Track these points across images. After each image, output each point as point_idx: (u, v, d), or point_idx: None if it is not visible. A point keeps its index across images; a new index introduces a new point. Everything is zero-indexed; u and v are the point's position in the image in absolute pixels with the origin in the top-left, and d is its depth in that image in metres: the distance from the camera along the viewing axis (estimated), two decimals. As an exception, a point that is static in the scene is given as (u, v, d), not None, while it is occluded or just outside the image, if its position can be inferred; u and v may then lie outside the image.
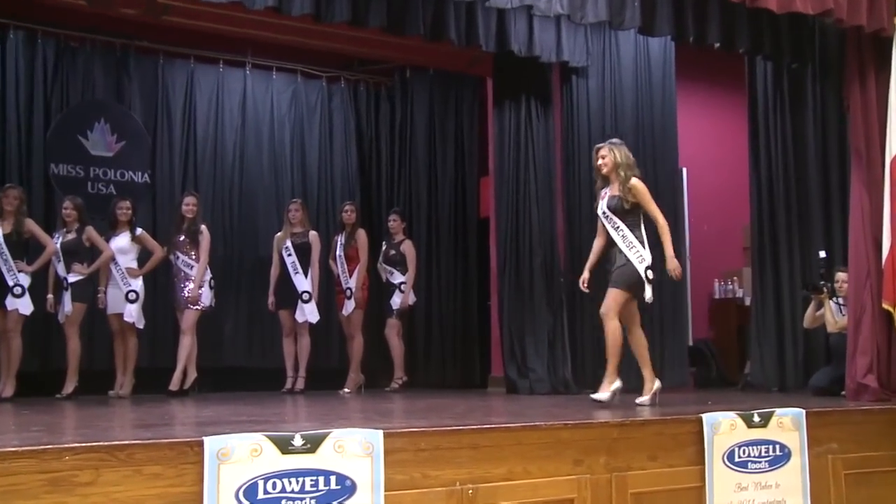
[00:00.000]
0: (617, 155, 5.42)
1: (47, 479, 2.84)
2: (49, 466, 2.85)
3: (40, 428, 4.10)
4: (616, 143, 5.54)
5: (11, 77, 7.79)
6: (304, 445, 3.24)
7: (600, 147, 5.56)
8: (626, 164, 5.39)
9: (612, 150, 5.45)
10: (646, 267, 5.25)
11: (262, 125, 8.91)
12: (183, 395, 7.10)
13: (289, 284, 7.59)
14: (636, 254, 5.27)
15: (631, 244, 5.28)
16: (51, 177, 7.94)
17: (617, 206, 5.35)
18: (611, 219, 5.38)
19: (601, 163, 5.47)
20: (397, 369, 8.00)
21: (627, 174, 5.36)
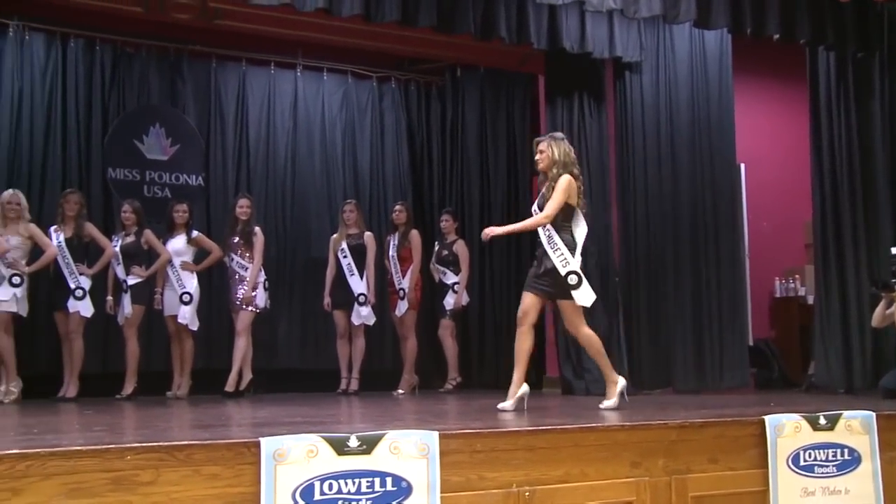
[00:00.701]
0: (555, 151, 5.05)
1: (110, 478, 2.87)
2: (112, 466, 2.88)
3: (103, 428, 4.16)
4: (557, 138, 5.16)
5: (72, 84, 7.96)
6: (360, 447, 3.23)
7: (540, 140, 5.20)
8: (562, 161, 5.03)
9: (550, 145, 5.09)
10: (567, 272, 4.91)
11: (314, 126, 8.95)
12: (238, 396, 7.16)
13: (344, 286, 7.61)
14: (560, 257, 4.93)
15: (555, 246, 4.95)
16: (108, 181, 8.08)
17: (541, 205, 5.04)
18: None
19: (538, 157, 5.13)
20: (451, 370, 7.97)
21: (559, 172, 5.00)
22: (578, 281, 4.93)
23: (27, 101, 7.77)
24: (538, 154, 5.13)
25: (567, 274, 4.90)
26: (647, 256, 7.56)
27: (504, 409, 4.90)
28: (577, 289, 4.94)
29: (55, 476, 2.80)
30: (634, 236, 7.53)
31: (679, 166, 7.66)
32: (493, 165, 9.12)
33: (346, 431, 3.28)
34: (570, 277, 4.91)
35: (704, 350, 7.46)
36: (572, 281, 4.92)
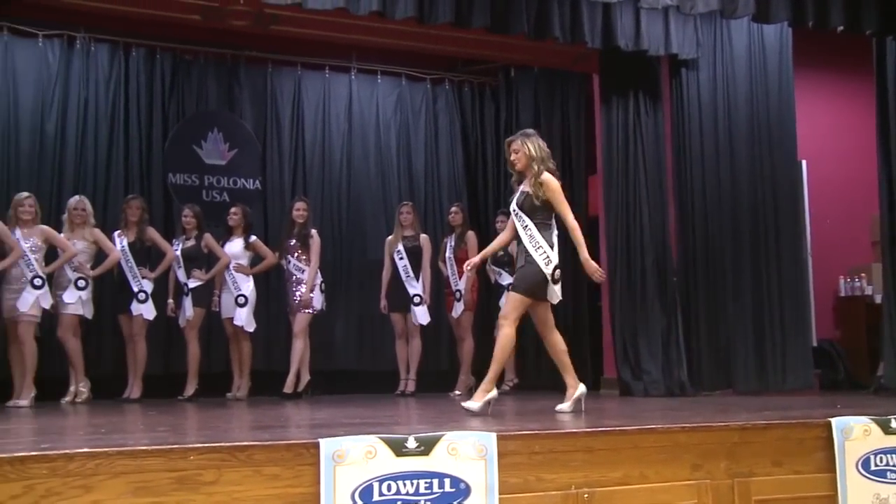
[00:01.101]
0: (530, 147, 4.94)
1: (174, 478, 2.93)
2: (176, 465, 2.93)
3: (166, 428, 4.24)
4: (529, 135, 5.05)
5: (133, 92, 8.15)
6: (418, 448, 3.23)
7: (512, 140, 5.06)
8: (540, 157, 4.93)
9: (524, 142, 4.96)
10: (553, 268, 4.81)
11: (369, 129, 9.00)
12: (297, 397, 7.23)
13: (401, 287, 7.64)
14: (542, 255, 4.82)
15: (538, 245, 4.83)
16: (169, 186, 8.24)
17: (526, 204, 4.92)
18: (520, 217, 4.94)
19: (513, 158, 5.00)
20: (508, 371, 7.94)
21: (540, 168, 4.90)
22: (559, 276, 4.85)
23: (92, 110, 7.99)
24: (512, 154, 5.00)
25: (553, 270, 4.81)
26: (706, 255, 7.44)
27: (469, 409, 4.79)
28: (556, 283, 4.85)
29: (123, 475, 2.87)
30: (692, 235, 7.41)
31: (738, 163, 7.52)
32: (547, 166, 9.06)
33: (404, 432, 3.29)
34: (556, 273, 4.83)
35: (766, 351, 7.31)
36: (558, 275, 4.84)
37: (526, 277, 4.86)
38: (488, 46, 7.75)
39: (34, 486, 2.78)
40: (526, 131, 5.14)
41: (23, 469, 2.78)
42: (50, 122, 7.85)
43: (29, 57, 7.87)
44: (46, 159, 7.79)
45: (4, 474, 2.76)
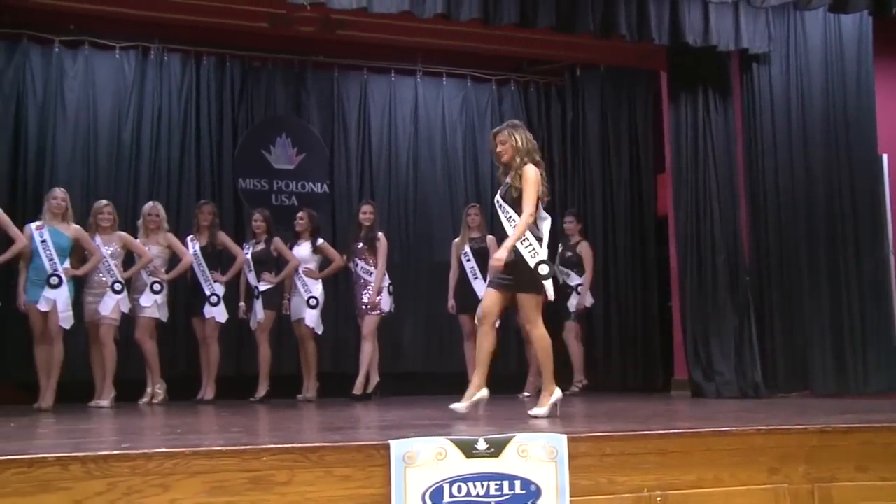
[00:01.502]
0: (518, 139, 4.79)
1: (249, 478, 2.97)
2: (249, 466, 2.98)
3: (239, 429, 4.32)
4: (517, 126, 4.91)
5: (204, 99, 8.34)
6: (488, 449, 3.22)
7: (499, 131, 4.90)
8: (526, 149, 4.78)
9: (512, 133, 4.82)
10: (538, 262, 4.65)
11: (434, 132, 9.04)
12: (366, 399, 7.28)
13: (469, 289, 7.64)
14: (529, 248, 4.68)
15: (523, 238, 4.69)
16: (239, 191, 8.40)
17: (508, 195, 4.78)
18: (504, 209, 4.80)
19: (500, 149, 4.84)
20: (576, 373, 7.88)
21: (524, 160, 4.75)
22: (549, 272, 4.71)
23: (165, 118, 8.20)
24: (499, 146, 4.85)
25: (537, 264, 4.66)
26: (780, 254, 7.25)
27: (457, 410, 4.77)
28: (546, 279, 4.70)
29: (199, 474, 2.92)
30: (766, 233, 7.24)
31: (813, 158, 7.32)
32: (615, 165, 8.97)
33: (474, 434, 3.28)
34: (541, 268, 4.67)
35: (845, 352, 7.09)
36: (543, 271, 4.68)
37: (524, 275, 4.68)
38: (554, 46, 7.71)
39: (116, 483, 2.86)
40: (513, 122, 5.02)
41: (106, 467, 2.86)
42: (126, 131, 8.09)
43: (107, 69, 8.13)
44: (123, 167, 8.04)
45: (89, 472, 2.84)
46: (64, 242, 6.53)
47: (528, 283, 4.70)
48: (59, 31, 7.94)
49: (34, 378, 6.58)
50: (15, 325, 6.98)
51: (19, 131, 7.79)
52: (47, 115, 7.89)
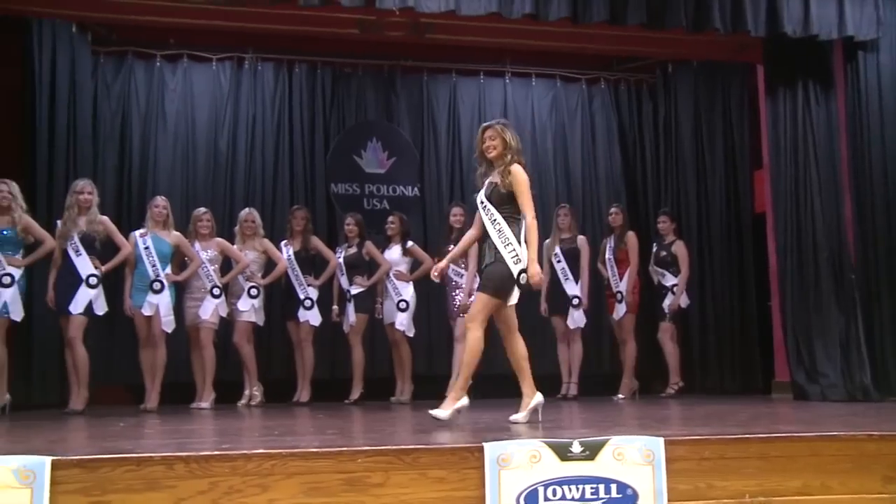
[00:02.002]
0: (508, 136, 4.67)
1: (344, 479, 3.01)
2: (345, 467, 3.02)
3: (335, 431, 4.38)
4: (507, 124, 4.79)
5: (297, 106, 8.51)
6: (583, 452, 3.19)
7: (489, 126, 4.76)
8: (515, 148, 4.67)
9: (504, 129, 4.70)
10: (521, 270, 4.52)
11: (524, 132, 8.96)
12: (459, 400, 7.27)
13: (560, 290, 7.58)
14: (511, 252, 4.54)
15: (507, 240, 4.55)
16: (331, 196, 8.54)
17: (494, 195, 4.63)
18: (488, 210, 4.64)
19: (488, 145, 4.70)
20: (673, 374, 7.72)
21: (513, 158, 4.63)
22: (527, 281, 4.57)
23: (259, 126, 8.41)
24: (488, 141, 4.70)
25: (520, 273, 4.54)
26: (889, 251, 6.92)
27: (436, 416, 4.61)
28: (521, 287, 4.59)
29: (296, 475, 2.98)
30: (873, 229, 6.93)
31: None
32: (709, 162, 8.75)
33: (569, 437, 3.25)
34: (522, 276, 4.55)
35: (961, 351, 6.73)
36: (523, 280, 4.56)
37: (494, 277, 4.56)
38: (645, 43, 7.56)
39: (218, 483, 2.93)
40: (501, 120, 4.93)
41: (207, 467, 2.94)
42: (222, 140, 8.33)
43: (204, 80, 8.39)
44: (220, 175, 8.27)
45: (192, 471, 2.93)
46: (165, 249, 6.77)
47: (487, 283, 4.60)
48: (161, 45, 8.24)
49: (140, 380, 6.84)
50: (121, 329, 7.27)
51: (124, 143, 8.12)
52: (149, 127, 8.19)
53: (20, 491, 2.83)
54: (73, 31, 7.71)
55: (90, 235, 6.47)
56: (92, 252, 6.48)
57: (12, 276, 6.20)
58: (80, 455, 2.99)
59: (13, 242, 6.28)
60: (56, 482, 2.86)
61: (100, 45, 8.07)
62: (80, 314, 6.36)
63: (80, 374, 6.40)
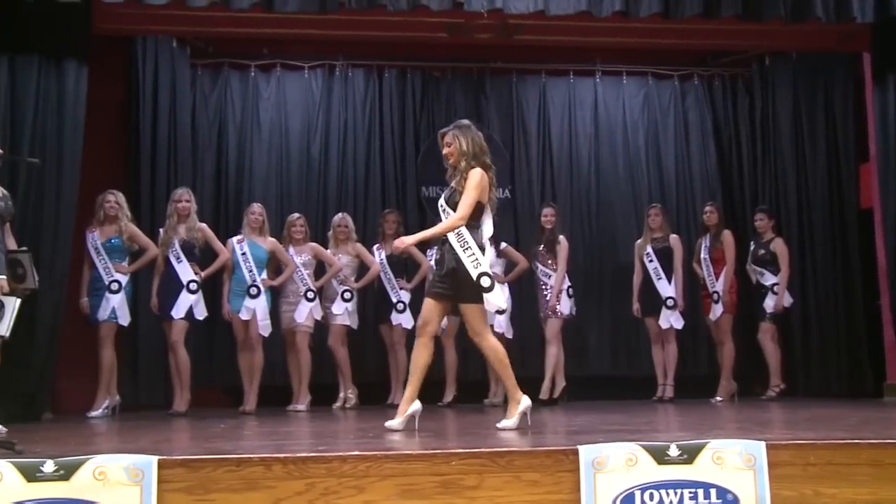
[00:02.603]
0: (462, 142, 4.59)
1: (439, 482, 3.02)
2: (439, 470, 3.03)
3: (429, 434, 4.39)
4: (463, 127, 4.69)
5: (387, 111, 8.60)
6: (681, 455, 3.12)
7: (445, 132, 4.73)
8: (472, 152, 4.58)
9: (456, 136, 4.62)
10: (480, 274, 4.45)
11: (616, 131, 8.88)
12: (552, 403, 7.24)
13: (653, 290, 7.46)
14: (471, 257, 4.47)
15: (466, 245, 4.47)
16: (422, 199, 8.59)
17: (452, 200, 4.58)
18: (448, 214, 4.60)
19: (446, 152, 4.67)
20: (773, 376, 7.48)
21: (469, 164, 4.56)
22: (491, 283, 4.50)
23: (351, 131, 8.53)
24: (445, 148, 4.68)
25: (479, 276, 4.46)
26: None
27: (392, 427, 4.44)
28: (489, 291, 4.50)
29: (391, 477, 3.00)
30: None
31: None
32: (810, 157, 8.42)
33: (665, 440, 3.19)
34: (483, 279, 4.47)
35: None
36: (485, 283, 4.48)
37: (466, 284, 4.49)
38: (740, 36, 7.37)
39: (315, 484, 2.98)
40: (459, 123, 4.80)
41: (304, 468, 3.00)
42: (315, 146, 8.48)
43: (297, 88, 8.56)
44: (313, 180, 8.42)
45: (289, 472, 2.99)
46: (261, 254, 6.94)
47: (470, 294, 4.52)
48: (255, 56, 8.45)
49: (238, 383, 7.04)
50: (220, 333, 7.49)
51: (221, 152, 8.35)
52: (245, 135, 8.40)
53: (130, 488, 2.94)
54: (173, 45, 8.00)
55: (190, 242, 6.70)
56: (192, 258, 6.72)
57: (119, 283, 6.51)
58: (184, 455, 3.09)
59: (120, 250, 6.58)
60: (162, 481, 2.96)
61: (197, 58, 8.33)
62: (181, 319, 6.60)
63: (183, 377, 6.64)
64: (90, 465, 2.97)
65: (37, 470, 2.95)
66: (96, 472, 2.96)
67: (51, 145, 6.41)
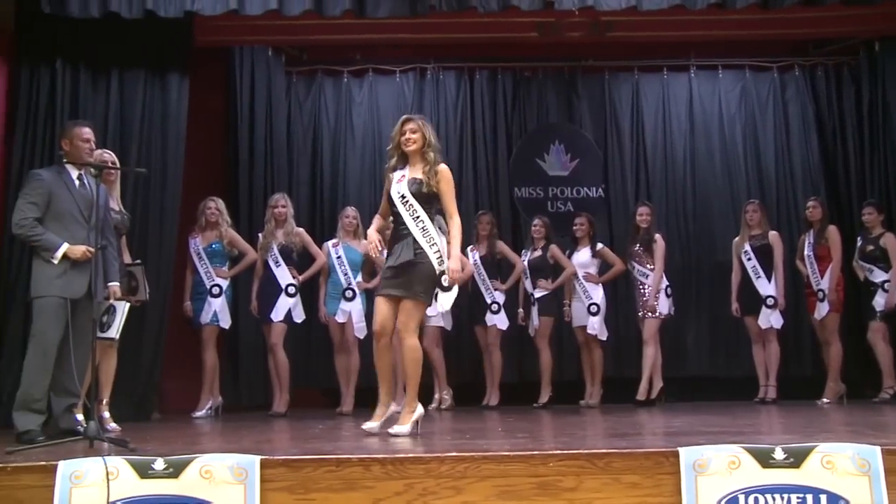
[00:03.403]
0: (428, 134, 4.60)
1: (536, 483, 3.01)
2: (536, 471, 3.01)
3: (524, 435, 4.38)
4: (425, 120, 4.71)
5: (479, 113, 8.62)
6: (787, 459, 3.02)
7: (411, 118, 4.67)
8: (435, 145, 4.61)
9: (425, 125, 4.64)
10: (441, 272, 4.43)
11: (712, 127, 8.66)
12: (650, 404, 7.12)
13: (752, 289, 7.25)
14: (436, 252, 4.46)
15: (431, 239, 4.46)
16: (515, 200, 8.57)
17: (419, 192, 4.52)
18: (411, 206, 4.52)
19: (409, 138, 4.58)
20: (886, 377, 7.15)
21: (437, 157, 4.58)
22: (450, 284, 4.48)
23: (442, 133, 8.53)
24: (409, 133, 4.60)
25: (441, 274, 4.45)
26: None
27: (369, 430, 4.42)
28: (447, 291, 4.50)
29: (488, 478, 3.00)
30: None
31: None
32: (922, 148, 8.03)
33: (770, 442, 3.09)
34: (443, 278, 4.45)
35: None
36: (445, 282, 4.46)
37: (423, 280, 4.44)
38: (846, 22, 7.08)
39: (413, 484, 3.01)
40: (422, 116, 4.82)
41: (402, 469, 3.02)
42: (407, 150, 8.54)
43: (388, 92, 8.66)
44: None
45: (388, 473, 3.02)
46: (356, 258, 7.04)
47: (422, 290, 4.47)
48: (347, 62, 8.59)
49: (335, 384, 7.16)
50: (317, 336, 7.62)
51: (316, 157, 8.52)
52: (339, 141, 8.55)
53: (235, 487, 3.03)
54: (269, 54, 8.21)
55: (288, 247, 6.85)
56: (290, 263, 6.87)
57: (221, 287, 6.70)
58: (285, 455, 3.16)
59: (221, 255, 6.78)
60: (265, 480, 3.04)
61: (292, 66, 8.52)
62: (280, 322, 6.76)
63: (282, 379, 6.79)
64: (197, 464, 3.07)
65: (148, 467, 3.07)
66: (203, 471, 3.05)
67: (155, 155, 6.68)
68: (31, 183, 4.66)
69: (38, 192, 4.58)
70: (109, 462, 3.07)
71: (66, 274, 4.48)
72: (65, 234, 4.54)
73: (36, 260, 4.58)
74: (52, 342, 4.44)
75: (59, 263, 4.48)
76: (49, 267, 4.49)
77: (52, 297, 4.47)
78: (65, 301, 4.46)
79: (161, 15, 6.17)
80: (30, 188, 4.63)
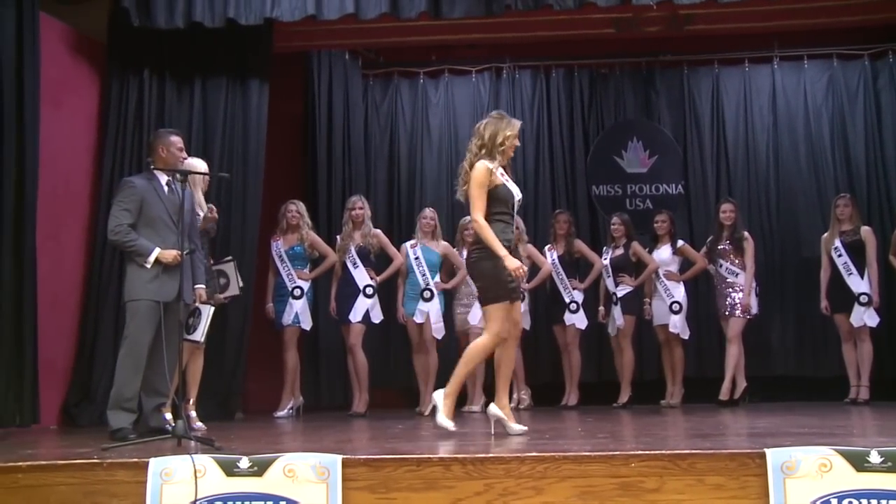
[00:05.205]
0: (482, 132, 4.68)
1: (617, 484, 2.97)
2: (618, 472, 2.97)
3: (605, 435, 4.33)
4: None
5: (555, 111, 8.55)
6: (884, 463, 2.91)
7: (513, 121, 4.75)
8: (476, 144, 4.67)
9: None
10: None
11: (796, 120, 8.40)
12: (733, 404, 6.96)
13: (843, 286, 7.01)
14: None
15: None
16: (593, 198, 8.48)
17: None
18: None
19: (515, 146, 4.77)
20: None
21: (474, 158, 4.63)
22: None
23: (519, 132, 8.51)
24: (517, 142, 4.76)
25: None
26: None
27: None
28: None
29: (569, 479, 2.98)
30: None
31: None
32: None
33: (864, 445, 2.98)
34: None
35: None
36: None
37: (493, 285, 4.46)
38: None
39: (493, 485, 3.00)
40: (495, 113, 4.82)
41: (482, 469, 3.02)
42: (484, 149, 8.54)
43: (464, 92, 8.67)
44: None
45: (468, 473, 3.02)
46: (434, 258, 7.07)
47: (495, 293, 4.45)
48: (423, 63, 8.63)
49: (414, 384, 7.21)
50: (396, 336, 7.69)
51: (393, 158, 8.59)
52: (415, 142, 8.60)
53: (318, 485, 3.07)
54: (346, 58, 8.31)
55: (365, 248, 6.92)
56: (368, 264, 6.94)
57: (302, 289, 6.82)
58: (366, 455, 3.19)
59: (301, 258, 6.89)
60: (347, 479, 3.07)
61: (369, 69, 8.61)
62: (359, 322, 6.83)
63: (361, 379, 6.86)
64: (280, 463, 3.12)
65: (234, 465, 3.14)
66: (286, 470, 3.11)
67: (237, 160, 6.84)
68: (124, 190, 4.81)
69: (131, 198, 4.73)
70: (197, 460, 3.15)
71: (159, 278, 4.62)
72: (156, 239, 4.68)
73: (129, 265, 4.73)
74: (144, 344, 4.58)
75: (151, 268, 4.62)
76: (142, 271, 4.63)
77: (145, 301, 4.61)
78: (157, 304, 4.60)
79: (241, 23, 6.31)
80: (123, 195, 4.77)
